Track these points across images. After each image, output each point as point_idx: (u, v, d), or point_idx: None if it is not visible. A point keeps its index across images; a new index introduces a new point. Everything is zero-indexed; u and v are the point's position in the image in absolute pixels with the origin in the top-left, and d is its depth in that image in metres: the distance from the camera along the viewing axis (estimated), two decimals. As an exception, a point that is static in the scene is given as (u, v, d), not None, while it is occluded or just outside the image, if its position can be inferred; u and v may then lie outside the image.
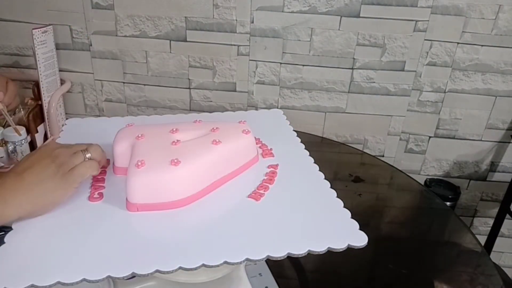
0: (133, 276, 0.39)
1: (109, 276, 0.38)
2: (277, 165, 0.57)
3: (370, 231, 0.43)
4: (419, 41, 1.00)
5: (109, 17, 1.02)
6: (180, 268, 0.39)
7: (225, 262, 0.40)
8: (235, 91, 1.09)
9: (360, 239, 0.43)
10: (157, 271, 0.39)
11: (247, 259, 0.41)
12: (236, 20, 1.01)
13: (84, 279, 0.38)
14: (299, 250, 0.42)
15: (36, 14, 1.03)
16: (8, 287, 0.37)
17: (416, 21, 0.97)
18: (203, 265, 0.40)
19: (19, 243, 0.43)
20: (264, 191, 0.51)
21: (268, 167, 0.56)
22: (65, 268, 0.40)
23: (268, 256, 0.41)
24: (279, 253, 0.41)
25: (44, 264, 0.40)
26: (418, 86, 1.05)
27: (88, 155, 0.49)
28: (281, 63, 1.04)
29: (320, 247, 0.42)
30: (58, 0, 1.01)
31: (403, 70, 1.03)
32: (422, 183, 1.09)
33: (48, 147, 0.50)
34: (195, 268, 0.39)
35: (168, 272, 0.39)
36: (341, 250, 0.43)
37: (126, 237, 0.44)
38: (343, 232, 0.45)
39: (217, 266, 0.40)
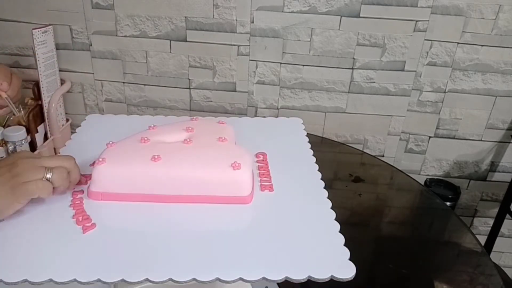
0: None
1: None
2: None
3: (370, 231, 0.43)
4: (419, 41, 1.00)
5: (109, 17, 1.02)
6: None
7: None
8: (235, 91, 1.09)
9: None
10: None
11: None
12: (236, 20, 1.01)
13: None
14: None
15: (36, 14, 1.03)
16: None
17: (416, 21, 0.97)
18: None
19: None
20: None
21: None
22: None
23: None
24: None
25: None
26: (418, 86, 1.05)
27: (48, 176, 0.46)
28: (281, 63, 1.04)
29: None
30: (58, 0, 1.01)
31: (403, 70, 1.03)
32: (422, 183, 1.09)
33: (16, 155, 0.49)
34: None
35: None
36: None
37: None
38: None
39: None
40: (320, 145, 1.07)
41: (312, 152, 0.64)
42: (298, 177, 0.58)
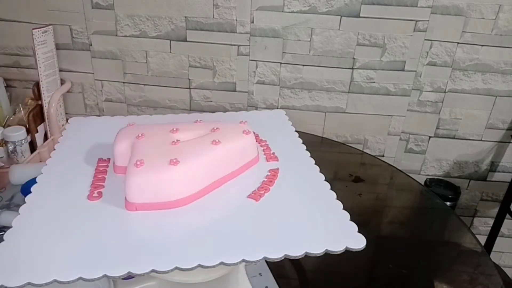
0: (130, 276, 0.39)
1: (105, 275, 0.38)
2: (277, 169, 0.56)
3: (370, 231, 0.44)
4: (419, 41, 1.00)
5: (109, 17, 1.02)
6: (176, 268, 0.39)
7: (221, 263, 0.40)
8: (235, 91, 1.09)
9: (358, 242, 0.43)
10: (153, 271, 0.39)
11: (244, 260, 0.41)
12: (236, 20, 1.01)
13: (80, 278, 0.38)
14: (296, 252, 0.42)
15: (36, 14, 1.03)
16: (4, 285, 0.37)
17: (416, 21, 0.97)
18: (199, 265, 0.40)
19: (17, 240, 0.43)
20: (264, 192, 0.51)
21: (269, 170, 0.56)
22: (62, 267, 0.40)
23: (264, 257, 0.41)
24: (276, 255, 0.41)
25: (41, 262, 0.40)
26: (418, 86, 1.05)
27: None
28: (281, 63, 1.04)
29: (317, 249, 0.42)
30: (58, 0, 1.01)
31: (403, 70, 1.03)
32: (422, 183, 1.09)
33: None
34: (191, 269, 0.39)
35: (164, 272, 0.39)
36: (338, 253, 0.42)
37: (124, 236, 0.44)
38: (341, 234, 0.44)
39: (213, 266, 0.40)
40: (320, 145, 1.07)
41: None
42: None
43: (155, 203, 0.47)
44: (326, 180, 0.54)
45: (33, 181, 0.63)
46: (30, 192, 0.51)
